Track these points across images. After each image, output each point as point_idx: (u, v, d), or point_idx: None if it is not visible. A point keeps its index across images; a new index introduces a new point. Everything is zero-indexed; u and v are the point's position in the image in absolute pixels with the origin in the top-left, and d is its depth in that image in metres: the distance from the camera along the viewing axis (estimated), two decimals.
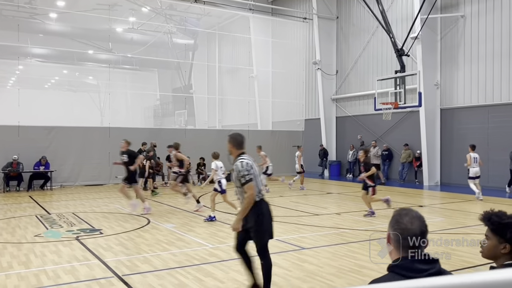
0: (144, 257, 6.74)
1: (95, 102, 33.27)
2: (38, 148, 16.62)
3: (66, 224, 9.44)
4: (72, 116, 26.69)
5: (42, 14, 21.83)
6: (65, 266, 6.19)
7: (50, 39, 24.83)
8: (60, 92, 34.52)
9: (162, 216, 10.56)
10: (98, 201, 13.28)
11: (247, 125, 23.09)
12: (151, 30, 25.40)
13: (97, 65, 30.14)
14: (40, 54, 26.82)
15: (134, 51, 25.77)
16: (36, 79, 33.19)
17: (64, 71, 32.90)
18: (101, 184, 17.82)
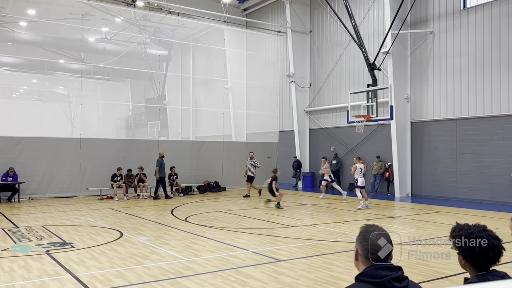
0: (117, 271, 6.60)
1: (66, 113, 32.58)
2: (6, 159, 16.12)
3: (35, 237, 9.15)
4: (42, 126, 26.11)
5: (12, 22, 21.35)
6: (35, 281, 6.00)
7: (19, 47, 24.26)
8: (29, 102, 33.66)
9: (135, 229, 10.38)
10: (68, 214, 12.95)
11: (221, 137, 23.08)
12: (124, 41, 25.22)
13: (68, 75, 29.59)
14: (9, 63, 26.15)
15: (106, 61, 25.46)
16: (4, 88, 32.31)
17: (33, 81, 32.14)
18: (72, 196, 17.39)
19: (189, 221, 11.65)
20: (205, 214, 13.12)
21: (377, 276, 2.02)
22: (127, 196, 17.15)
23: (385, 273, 2.02)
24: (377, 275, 2.02)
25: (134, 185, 17.63)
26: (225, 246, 8.41)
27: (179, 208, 14.36)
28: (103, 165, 17.91)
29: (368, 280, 2.02)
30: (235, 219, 12.12)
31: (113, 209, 14.19)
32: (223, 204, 15.59)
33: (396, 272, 2.04)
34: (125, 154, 18.63)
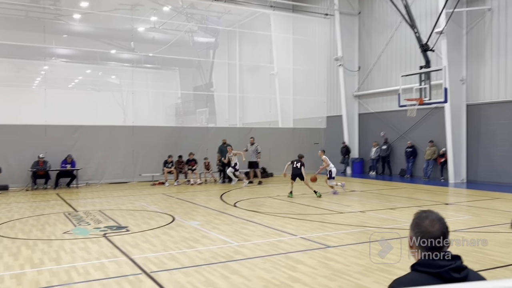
0: (170, 254, 6.81)
1: (118, 101, 33.75)
2: (64, 147, 16.95)
3: (93, 221, 9.60)
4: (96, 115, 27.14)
5: (67, 15, 22.22)
6: (95, 263, 6.30)
7: (74, 39, 25.26)
8: (84, 91, 35.14)
9: (186, 213, 10.64)
10: (123, 199, 13.47)
11: (268, 123, 23.09)
12: (172, 29, 25.58)
13: (120, 65, 30.55)
14: (65, 54, 27.33)
15: (155, 50, 26.01)
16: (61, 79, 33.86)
17: (87, 71, 33.45)
18: (126, 181, 18.06)
19: (238, 206, 11.80)
20: (253, 199, 13.23)
21: (435, 266, 1.91)
22: (178, 182, 17.61)
23: (443, 263, 1.91)
24: (434, 265, 1.91)
25: (184, 171, 18.05)
26: (274, 232, 8.45)
27: (228, 194, 14.57)
28: (154, 151, 18.44)
29: (425, 270, 1.91)
30: (283, 204, 12.14)
31: (165, 194, 14.62)
32: (271, 190, 15.65)
33: (454, 262, 1.92)
34: (175, 141, 19.06)
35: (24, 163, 16.15)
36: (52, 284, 5.40)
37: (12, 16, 21.68)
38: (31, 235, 8.24)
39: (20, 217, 10.26)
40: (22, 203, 12.66)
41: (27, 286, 5.33)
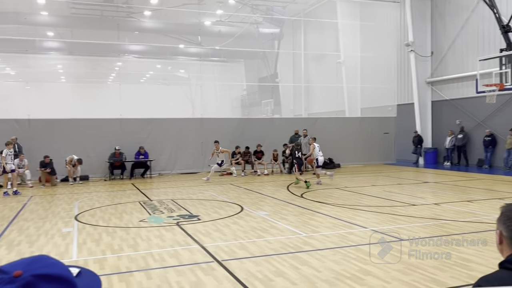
0: (240, 243, 6.92)
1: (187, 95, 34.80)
2: (138, 139, 17.78)
3: (166, 210, 10.00)
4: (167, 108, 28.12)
5: (138, 12, 23.17)
6: (169, 250, 6.56)
7: (145, 35, 26.31)
8: (154, 86, 36.64)
9: (254, 203, 10.76)
10: (193, 189, 13.90)
11: (334, 113, 22.68)
12: (237, 22, 25.82)
13: (188, 59, 31.41)
14: (137, 50, 28.57)
15: (222, 43, 26.43)
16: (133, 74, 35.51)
17: (157, 66, 34.78)
18: (195, 172, 18.61)
19: (304, 197, 11.74)
20: (320, 191, 13.10)
21: None
22: (245, 173, 17.86)
23: None
24: None
25: (251, 162, 18.26)
26: (342, 223, 8.31)
27: (295, 185, 14.53)
28: (222, 142, 18.79)
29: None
30: (352, 196, 11.90)
31: (233, 184, 14.89)
32: (338, 181, 15.38)
33: None
34: (242, 132, 19.31)
35: (102, 155, 17.15)
36: (131, 269, 5.70)
37: (88, 16, 23.01)
38: (110, 222, 8.75)
39: (100, 205, 10.94)
40: (101, 193, 13.48)
41: (109, 270, 5.66)
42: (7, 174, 13.48)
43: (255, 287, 4.99)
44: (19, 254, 6.50)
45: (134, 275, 5.46)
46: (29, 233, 7.90)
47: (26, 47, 26.98)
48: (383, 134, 21.07)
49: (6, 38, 24.99)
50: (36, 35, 24.97)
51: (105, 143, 17.23)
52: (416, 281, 5.11)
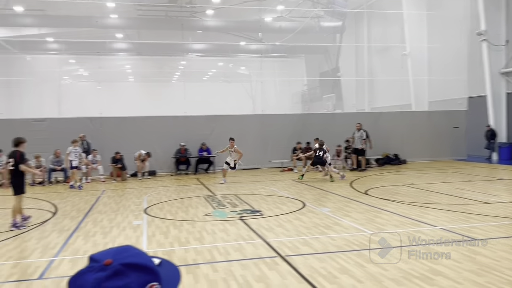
0: (303, 239, 6.89)
1: (248, 91, 35.19)
2: (202, 136, 18.23)
3: (230, 204, 10.19)
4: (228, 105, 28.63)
5: (201, 11, 23.72)
6: (233, 244, 6.67)
7: (207, 34, 26.92)
8: (216, 83, 37.43)
9: (316, 200, 10.67)
10: (255, 184, 14.04)
11: (399, 107, 21.93)
12: (298, 17, 25.66)
13: (249, 56, 31.73)
14: (200, 49, 29.34)
15: (282, 39, 26.41)
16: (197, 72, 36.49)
17: (219, 64, 35.46)
18: (257, 168, 18.77)
19: (369, 194, 11.45)
20: (385, 187, 12.72)
21: None
22: (306, 168, 17.73)
23: None
24: None
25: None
26: (410, 221, 8.02)
27: (358, 181, 14.23)
28: (282, 138, 18.84)
29: None
30: (419, 193, 11.44)
31: (294, 180, 14.85)
32: (405, 178, 14.87)
33: None
34: (302, 128, 19.19)
35: (168, 151, 17.78)
36: (197, 261, 5.86)
37: (154, 17, 23.89)
38: (177, 216, 9.06)
39: (167, 199, 11.35)
40: (168, 187, 13.99)
41: (177, 262, 5.86)
42: (77, 169, 14.41)
43: (319, 283, 4.96)
44: (94, 245, 6.91)
45: (200, 267, 5.62)
46: (103, 225, 8.37)
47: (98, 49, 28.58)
48: (452, 129, 20.06)
49: (80, 41, 26.63)
50: (107, 37, 26.36)
51: (170, 140, 17.83)
52: (490, 282, 4.83)
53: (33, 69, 30.22)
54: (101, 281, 0.95)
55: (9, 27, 25.29)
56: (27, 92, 29.18)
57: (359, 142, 17.14)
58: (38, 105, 27.16)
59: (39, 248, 6.82)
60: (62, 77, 35.87)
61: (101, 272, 0.96)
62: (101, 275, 0.96)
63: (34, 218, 9.02)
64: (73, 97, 32.83)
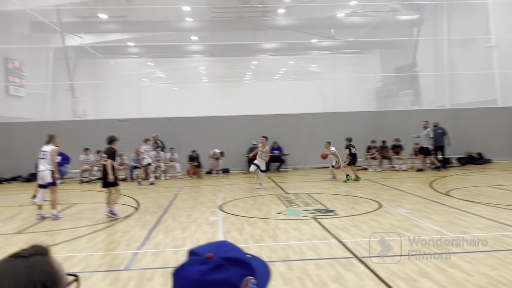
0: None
1: (319, 89, 34.83)
2: (273, 134, 18.33)
3: (302, 203, 10.15)
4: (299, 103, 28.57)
5: (272, 11, 23.85)
6: (307, 243, 6.64)
7: (279, 33, 27.01)
8: (287, 82, 37.47)
9: (393, 200, 10.31)
10: (327, 183, 13.87)
11: (484, 102, 20.53)
12: (373, 11, 24.91)
13: (320, 53, 31.39)
14: (271, 48, 29.50)
15: (355, 35, 25.81)
16: (267, 72, 36.78)
17: (290, 62, 35.43)
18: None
19: (451, 195, 10.85)
20: (468, 188, 11.98)
21: None
22: (382, 168, 17.22)
23: None
24: None
25: (388, 157, 17.53)
26: (497, 225, 7.48)
27: (439, 181, 13.55)
28: (355, 137, 18.31)
29: None
30: (507, 195, 10.65)
31: (369, 180, 14.47)
32: (490, 178, 13.90)
33: None
34: (377, 125, 18.61)
35: (240, 149, 18.11)
36: (272, 259, 5.91)
37: (227, 19, 24.42)
38: (251, 213, 9.20)
39: (240, 197, 11.58)
40: (241, 185, 14.25)
41: None
42: (150, 167, 15.20)
43: (398, 286, 4.79)
44: (174, 239, 7.22)
45: (275, 265, 5.65)
46: (181, 220, 8.72)
47: (174, 52, 29.83)
48: None
49: (158, 45, 27.93)
50: (182, 40, 27.40)
51: (243, 138, 18.14)
52: None
53: (115, 73, 32.25)
54: (204, 273, 1.01)
55: (94, 34, 27.15)
56: (111, 94, 31.18)
57: (425, 141, 16.36)
58: (120, 106, 28.93)
59: (124, 241, 7.27)
60: (141, 80, 37.94)
61: (203, 265, 1.02)
62: (204, 267, 1.02)
63: (119, 213, 9.62)
64: (151, 98, 34.59)
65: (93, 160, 16.43)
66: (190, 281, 1.01)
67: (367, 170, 17.14)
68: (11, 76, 23.75)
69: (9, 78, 23.49)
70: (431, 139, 16.29)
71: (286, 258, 5.93)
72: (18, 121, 20.43)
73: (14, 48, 22.59)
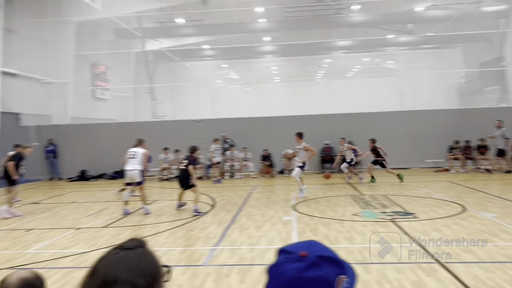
0: (465, 246, 6.30)
1: (395, 86, 33.58)
2: (345, 134, 17.93)
3: (379, 205, 9.83)
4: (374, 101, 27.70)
5: (346, 8, 23.36)
6: (386, 246, 6.41)
7: (353, 30, 26.38)
8: (361, 79, 36.57)
9: (479, 204, 9.66)
10: (406, 185, 13.31)
11: None
12: (454, 4, 23.50)
13: (397, 49, 30.24)
14: (344, 46, 28.93)
15: (435, 29, 24.54)
16: (340, 70, 36.14)
17: (364, 59, 34.52)
18: (408, 167, 17.79)
19: None
20: None
21: None
22: (465, 169, 16.21)
23: None
24: None
25: (473, 157, 16.47)
26: None
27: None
28: (436, 136, 17.48)
29: None
30: None
31: (451, 181, 13.69)
32: None
33: None
34: (459, 124, 17.53)
35: None
36: (349, 261, 5.77)
37: (300, 18, 24.32)
38: (325, 214, 9.08)
39: (313, 197, 11.47)
40: (314, 185, 14.11)
41: None
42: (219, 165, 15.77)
43: None
44: (249, 237, 7.33)
45: None
46: (256, 219, 8.83)
47: (247, 53, 30.30)
48: None
49: (232, 46, 28.54)
50: (255, 41, 27.72)
51: (315, 138, 17.90)
52: None
53: (191, 75, 33.45)
54: (301, 270, 1.03)
55: (172, 38, 28.35)
56: (187, 95, 32.40)
57: (500, 141, 15.19)
58: (196, 107, 29.95)
59: (202, 237, 7.50)
60: (215, 81, 39.01)
61: (299, 263, 1.04)
62: (300, 265, 1.04)
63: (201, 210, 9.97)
64: (225, 99, 35.43)
65: (172, 159, 17.17)
66: (287, 278, 1.03)
67: (449, 171, 16.22)
68: (97, 80, 25.54)
69: (95, 82, 25.28)
70: (506, 140, 15.20)
71: (363, 261, 5.77)
72: (103, 122, 21.91)
73: (99, 54, 24.23)
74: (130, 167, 9.78)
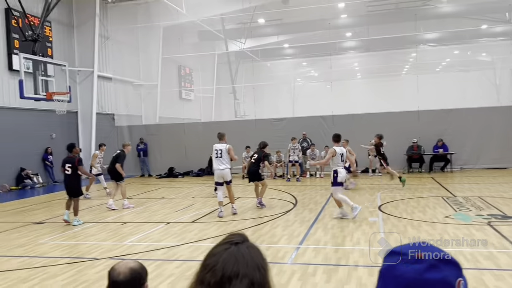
0: None
1: (491, 80, 31.15)
2: (437, 131, 17.00)
3: (474, 208, 9.17)
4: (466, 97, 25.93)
5: None
6: (482, 251, 5.97)
7: (441, 22, 24.92)
8: (451, 73, 34.36)
9: None
10: (504, 186, 12.29)
11: None
12: None
13: (492, 40, 28.09)
14: (432, 38, 27.43)
15: None
16: (428, 63, 34.27)
17: (455, 52, 32.46)
18: (505, 167, 16.43)
19: None
20: None
21: None
22: None
23: None
24: None
25: None
26: None
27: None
28: None
29: None
30: None
31: None
32: None
33: None
34: None
35: (400, 147, 17.19)
36: None
37: (383, 12, 23.46)
38: (414, 216, 8.66)
39: (401, 198, 11.00)
40: (401, 185, 13.48)
41: None
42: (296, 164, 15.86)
43: None
44: (334, 237, 7.22)
45: None
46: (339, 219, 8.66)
47: (328, 50, 29.85)
48: None
49: (313, 44, 28.32)
50: (337, 38, 27.24)
51: (402, 136, 17.21)
52: None
53: (272, 74, 33.71)
54: (421, 272, 0.99)
55: (253, 38, 28.78)
56: (267, 94, 32.69)
57: None
58: (276, 106, 30.13)
59: (286, 235, 7.52)
60: (295, 79, 38.94)
61: (417, 264, 1.00)
62: (419, 267, 1.00)
63: (278, 208, 10.03)
64: (305, 97, 35.21)
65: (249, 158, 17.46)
66: (406, 280, 1.00)
67: None
68: (183, 81, 26.71)
69: (181, 84, 26.45)
70: None
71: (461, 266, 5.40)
72: (188, 122, 22.86)
73: (185, 56, 25.31)
74: (220, 167, 9.49)
